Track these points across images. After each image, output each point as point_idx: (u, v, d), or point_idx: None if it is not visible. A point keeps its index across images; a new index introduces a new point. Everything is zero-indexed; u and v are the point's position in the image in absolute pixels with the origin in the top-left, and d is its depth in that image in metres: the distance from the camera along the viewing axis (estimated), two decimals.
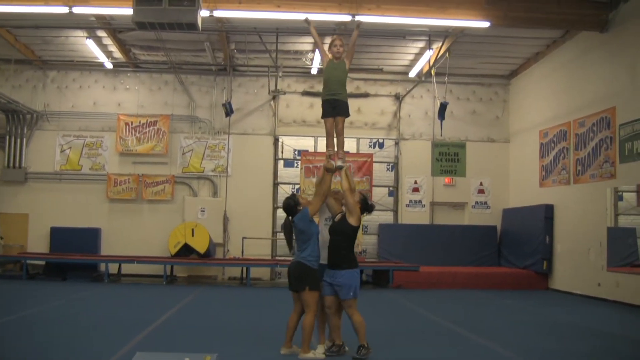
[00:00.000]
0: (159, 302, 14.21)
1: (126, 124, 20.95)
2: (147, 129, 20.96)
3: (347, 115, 9.09)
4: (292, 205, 8.55)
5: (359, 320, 8.28)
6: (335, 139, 8.97)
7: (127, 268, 19.55)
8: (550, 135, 18.94)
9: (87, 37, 18.61)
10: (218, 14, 15.45)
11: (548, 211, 18.76)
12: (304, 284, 8.22)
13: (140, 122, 20.98)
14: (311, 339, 8.20)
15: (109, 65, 20.78)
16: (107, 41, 19.26)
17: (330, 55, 9.17)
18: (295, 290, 8.43)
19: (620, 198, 16.23)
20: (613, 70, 16.01)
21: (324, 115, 9.03)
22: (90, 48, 19.36)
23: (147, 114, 21.10)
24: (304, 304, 8.29)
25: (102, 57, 20.12)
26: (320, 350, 8.38)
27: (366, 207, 8.80)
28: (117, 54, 20.20)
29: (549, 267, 18.84)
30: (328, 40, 18.60)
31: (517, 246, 20.30)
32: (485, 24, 15.90)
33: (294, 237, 8.56)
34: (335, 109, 8.92)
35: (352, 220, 8.42)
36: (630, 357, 8.97)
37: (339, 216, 8.59)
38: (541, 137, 19.54)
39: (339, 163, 8.70)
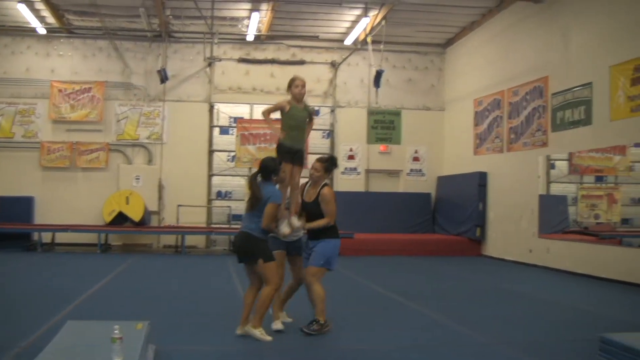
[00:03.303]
0: (93, 271, 14.11)
1: (60, 90, 20.56)
2: (81, 95, 20.61)
3: (303, 164, 8.44)
4: (270, 168, 7.65)
5: (319, 292, 7.68)
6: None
7: (61, 237, 19.37)
8: (485, 104, 19.16)
9: (19, 2, 18.05)
10: None
11: (482, 179, 19.07)
12: (255, 256, 7.45)
13: (74, 89, 20.59)
14: (265, 313, 7.54)
15: (42, 30, 20.18)
16: (40, 6, 18.76)
17: (289, 102, 8.22)
18: (244, 262, 7.66)
19: (553, 166, 16.65)
20: (546, 40, 16.21)
21: (284, 160, 8.05)
22: (22, 13, 18.75)
23: (81, 81, 20.70)
24: (263, 278, 7.50)
25: (34, 23, 19.50)
26: (278, 326, 7.87)
27: (332, 167, 8.14)
28: (51, 19, 19.74)
29: (482, 234, 19.21)
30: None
31: (451, 213, 20.61)
32: None
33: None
34: (293, 158, 8.15)
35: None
36: (559, 322, 9.17)
37: (307, 195, 7.96)
38: (476, 106, 19.76)
39: (297, 223, 7.93)
